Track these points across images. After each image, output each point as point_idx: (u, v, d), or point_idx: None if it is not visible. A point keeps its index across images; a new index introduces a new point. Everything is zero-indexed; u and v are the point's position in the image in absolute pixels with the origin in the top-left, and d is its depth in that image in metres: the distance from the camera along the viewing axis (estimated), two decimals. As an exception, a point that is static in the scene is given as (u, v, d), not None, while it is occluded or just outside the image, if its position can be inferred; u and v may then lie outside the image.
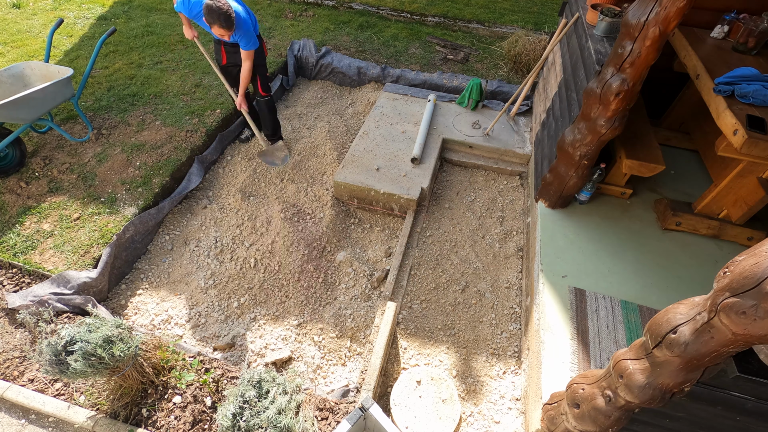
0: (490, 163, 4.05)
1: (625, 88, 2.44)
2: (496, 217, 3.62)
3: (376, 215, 3.64)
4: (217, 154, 4.03)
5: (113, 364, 2.07)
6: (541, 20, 6.05)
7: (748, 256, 1.15)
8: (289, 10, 6.31)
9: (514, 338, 2.83)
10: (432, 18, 6.16)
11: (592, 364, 2.34)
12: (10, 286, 2.80)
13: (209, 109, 4.29)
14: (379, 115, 4.33)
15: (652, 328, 1.45)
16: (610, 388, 1.65)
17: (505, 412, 2.49)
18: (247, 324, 2.84)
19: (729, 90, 2.40)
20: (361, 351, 2.76)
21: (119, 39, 5.26)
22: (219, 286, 3.02)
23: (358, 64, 5.04)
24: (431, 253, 3.32)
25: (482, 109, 4.47)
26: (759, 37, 2.78)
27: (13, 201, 3.27)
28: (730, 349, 1.25)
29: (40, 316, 2.33)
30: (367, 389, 2.31)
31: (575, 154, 2.84)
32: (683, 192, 3.42)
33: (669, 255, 2.95)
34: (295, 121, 4.51)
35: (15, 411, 2.36)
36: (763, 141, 2.17)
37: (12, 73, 3.45)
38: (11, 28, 5.34)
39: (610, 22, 2.98)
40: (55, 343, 2.02)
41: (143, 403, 2.31)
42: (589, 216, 3.19)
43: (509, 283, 3.13)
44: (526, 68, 5.08)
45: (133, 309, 2.88)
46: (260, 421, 1.85)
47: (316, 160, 4.02)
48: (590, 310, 2.58)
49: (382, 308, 2.76)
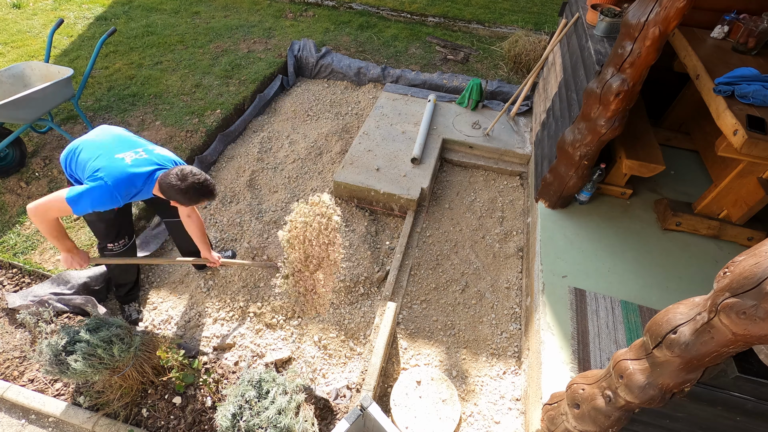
0: (490, 163, 4.05)
1: (625, 89, 2.44)
2: (496, 217, 3.62)
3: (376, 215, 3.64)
4: (217, 155, 4.03)
5: (113, 364, 2.07)
6: (541, 20, 6.05)
7: (748, 256, 1.15)
8: (289, 11, 6.32)
9: (514, 338, 2.83)
10: (432, 18, 6.16)
11: (592, 364, 2.34)
12: (10, 286, 2.80)
13: (209, 110, 4.29)
14: (379, 115, 4.33)
15: (652, 328, 1.45)
16: (610, 389, 1.65)
17: (505, 413, 2.49)
18: (247, 324, 2.84)
19: (729, 90, 2.40)
20: (361, 351, 2.76)
21: (119, 39, 5.27)
22: (219, 285, 3.02)
23: (358, 65, 5.04)
24: (431, 253, 3.32)
25: (482, 110, 4.47)
26: (759, 38, 2.78)
27: (13, 201, 3.27)
28: (730, 350, 1.25)
29: (40, 316, 2.33)
30: (367, 389, 2.31)
31: (575, 154, 2.84)
32: (683, 192, 3.42)
33: (669, 255, 2.95)
34: (296, 122, 4.51)
35: (15, 411, 2.36)
36: (763, 141, 2.17)
37: (12, 73, 3.45)
38: (11, 28, 5.34)
39: (610, 23, 2.98)
40: (55, 343, 2.02)
41: (143, 403, 2.31)
42: (589, 216, 3.19)
43: (509, 283, 3.13)
44: (526, 68, 5.08)
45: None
46: (260, 422, 1.85)
47: (317, 161, 4.02)
48: (590, 310, 2.58)
49: (382, 308, 2.76)
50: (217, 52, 5.19)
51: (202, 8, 6.23)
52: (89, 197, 1.97)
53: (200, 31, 5.61)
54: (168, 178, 2.04)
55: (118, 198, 2.02)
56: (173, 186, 2.02)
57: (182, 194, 2.04)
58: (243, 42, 5.45)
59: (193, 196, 2.05)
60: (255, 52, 5.26)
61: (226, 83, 4.69)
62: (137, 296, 2.89)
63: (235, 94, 4.52)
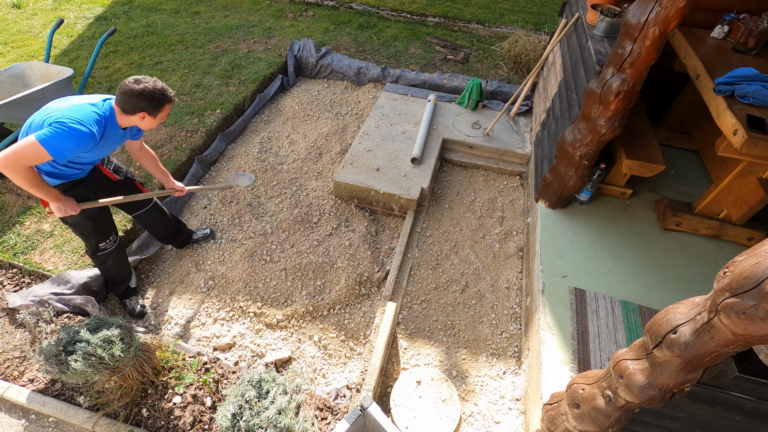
0: (490, 163, 4.05)
1: (625, 89, 2.44)
2: (496, 217, 3.62)
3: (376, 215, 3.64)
4: (217, 155, 4.03)
5: (113, 364, 2.07)
6: (541, 20, 6.05)
7: (748, 256, 1.15)
8: (289, 10, 6.32)
9: (514, 338, 2.83)
10: (432, 18, 6.16)
11: (592, 364, 2.34)
12: (10, 286, 2.80)
13: (209, 109, 4.29)
14: (379, 115, 4.33)
15: (652, 328, 1.45)
16: (610, 389, 1.65)
17: (505, 413, 2.49)
18: (247, 324, 2.84)
19: (729, 90, 2.40)
20: (361, 351, 2.76)
21: (119, 39, 5.26)
22: (219, 285, 3.02)
23: (358, 65, 5.04)
24: (431, 253, 3.32)
25: (482, 110, 4.47)
26: (759, 37, 2.78)
27: (13, 201, 3.27)
28: (730, 350, 1.25)
29: (40, 316, 2.33)
30: (367, 389, 2.31)
31: (575, 154, 2.84)
32: (683, 192, 3.42)
33: (669, 255, 2.95)
34: (295, 121, 4.51)
35: (15, 411, 2.36)
36: (763, 141, 2.17)
37: (12, 73, 3.45)
38: (11, 28, 5.34)
39: (610, 22, 2.98)
40: (55, 343, 2.02)
41: (143, 403, 2.31)
42: (589, 216, 3.19)
43: (509, 283, 3.13)
44: (526, 68, 5.08)
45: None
46: (260, 422, 1.85)
47: (317, 161, 4.02)
48: (590, 310, 2.58)
49: (382, 308, 2.76)
50: (217, 52, 5.19)
51: (202, 8, 6.23)
52: (62, 133, 1.87)
53: (200, 31, 5.61)
54: (125, 88, 2.02)
55: (90, 129, 1.94)
56: (133, 91, 2.00)
57: (144, 97, 2.02)
58: (243, 42, 5.45)
59: (153, 96, 2.04)
60: (255, 52, 5.26)
61: (226, 83, 4.69)
62: (137, 290, 2.90)
63: (235, 94, 4.53)
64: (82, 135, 1.94)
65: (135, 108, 2.07)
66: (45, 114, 2.01)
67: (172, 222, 2.97)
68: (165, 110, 2.16)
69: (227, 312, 2.89)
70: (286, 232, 3.36)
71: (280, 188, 3.74)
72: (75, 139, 1.92)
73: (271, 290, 3.01)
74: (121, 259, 2.68)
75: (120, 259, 2.66)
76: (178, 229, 3.04)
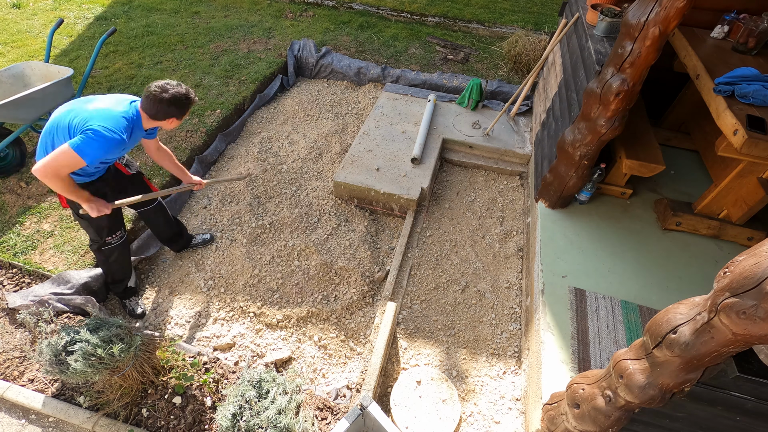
0: (490, 163, 4.05)
1: (625, 88, 2.44)
2: (496, 217, 3.62)
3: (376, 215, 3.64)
4: (217, 155, 4.03)
5: (113, 364, 2.07)
6: (541, 20, 6.05)
7: (748, 256, 1.15)
8: (289, 10, 6.32)
9: (514, 338, 2.83)
10: (432, 18, 6.16)
11: (592, 364, 2.34)
12: (10, 286, 2.79)
13: (209, 109, 4.29)
14: (379, 115, 4.33)
15: (652, 328, 1.45)
16: (610, 388, 1.65)
17: (505, 413, 2.49)
18: (247, 324, 2.84)
19: (729, 90, 2.40)
20: (361, 351, 2.76)
21: (119, 39, 5.26)
22: (219, 286, 3.02)
23: (358, 65, 5.04)
24: (431, 253, 3.32)
25: (482, 109, 4.47)
26: (759, 37, 2.78)
27: (13, 201, 3.27)
28: (730, 349, 1.25)
29: (40, 316, 2.33)
30: (367, 389, 2.31)
31: (575, 154, 2.84)
32: (683, 192, 3.42)
33: (669, 255, 2.95)
34: (296, 121, 4.51)
35: (15, 411, 2.36)
36: (763, 141, 2.17)
37: (12, 73, 3.45)
38: (11, 28, 5.34)
39: (610, 22, 2.98)
40: (55, 343, 2.02)
41: (143, 403, 2.31)
42: (589, 216, 3.19)
43: (509, 283, 3.13)
44: (526, 68, 5.08)
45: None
46: (260, 421, 1.85)
47: (317, 161, 4.02)
48: (590, 310, 2.58)
49: (382, 308, 2.76)
50: (217, 52, 5.19)
51: (202, 8, 6.23)
52: (96, 141, 1.98)
53: (200, 31, 5.61)
54: (150, 94, 2.09)
55: (122, 136, 2.05)
56: (163, 100, 2.08)
57: (174, 104, 2.11)
58: (243, 42, 5.45)
59: (181, 102, 2.13)
60: (255, 52, 5.26)
61: (226, 83, 4.69)
62: (136, 290, 2.90)
63: (235, 94, 4.53)
64: (114, 142, 2.04)
65: (166, 115, 2.17)
66: (73, 116, 2.07)
67: (173, 222, 3.01)
68: (187, 111, 2.27)
69: (227, 312, 2.89)
70: (286, 232, 3.36)
71: (280, 188, 3.74)
72: (107, 146, 2.03)
73: (271, 290, 3.01)
74: (125, 255, 2.71)
75: (123, 255, 2.69)
76: (178, 230, 3.06)
